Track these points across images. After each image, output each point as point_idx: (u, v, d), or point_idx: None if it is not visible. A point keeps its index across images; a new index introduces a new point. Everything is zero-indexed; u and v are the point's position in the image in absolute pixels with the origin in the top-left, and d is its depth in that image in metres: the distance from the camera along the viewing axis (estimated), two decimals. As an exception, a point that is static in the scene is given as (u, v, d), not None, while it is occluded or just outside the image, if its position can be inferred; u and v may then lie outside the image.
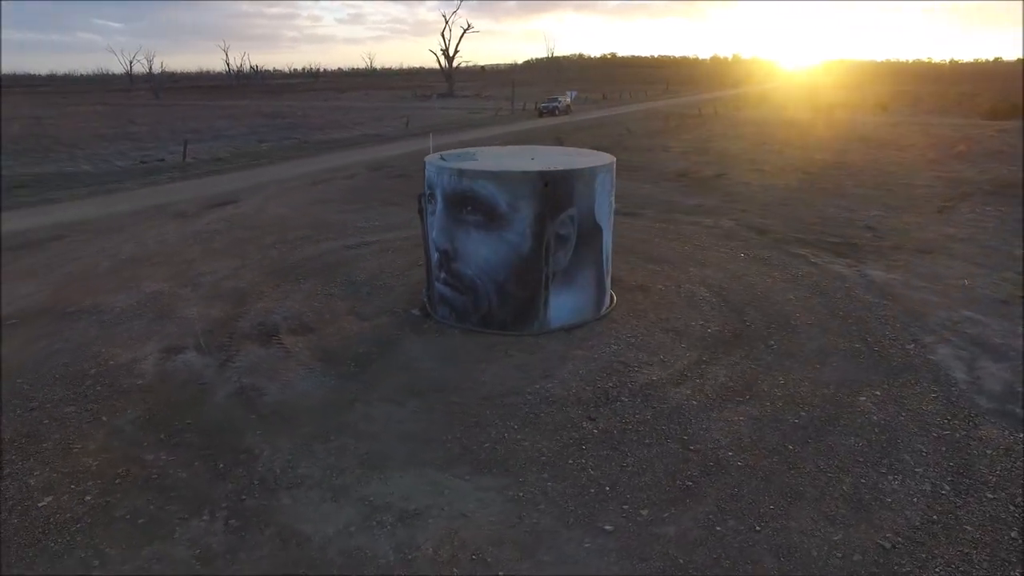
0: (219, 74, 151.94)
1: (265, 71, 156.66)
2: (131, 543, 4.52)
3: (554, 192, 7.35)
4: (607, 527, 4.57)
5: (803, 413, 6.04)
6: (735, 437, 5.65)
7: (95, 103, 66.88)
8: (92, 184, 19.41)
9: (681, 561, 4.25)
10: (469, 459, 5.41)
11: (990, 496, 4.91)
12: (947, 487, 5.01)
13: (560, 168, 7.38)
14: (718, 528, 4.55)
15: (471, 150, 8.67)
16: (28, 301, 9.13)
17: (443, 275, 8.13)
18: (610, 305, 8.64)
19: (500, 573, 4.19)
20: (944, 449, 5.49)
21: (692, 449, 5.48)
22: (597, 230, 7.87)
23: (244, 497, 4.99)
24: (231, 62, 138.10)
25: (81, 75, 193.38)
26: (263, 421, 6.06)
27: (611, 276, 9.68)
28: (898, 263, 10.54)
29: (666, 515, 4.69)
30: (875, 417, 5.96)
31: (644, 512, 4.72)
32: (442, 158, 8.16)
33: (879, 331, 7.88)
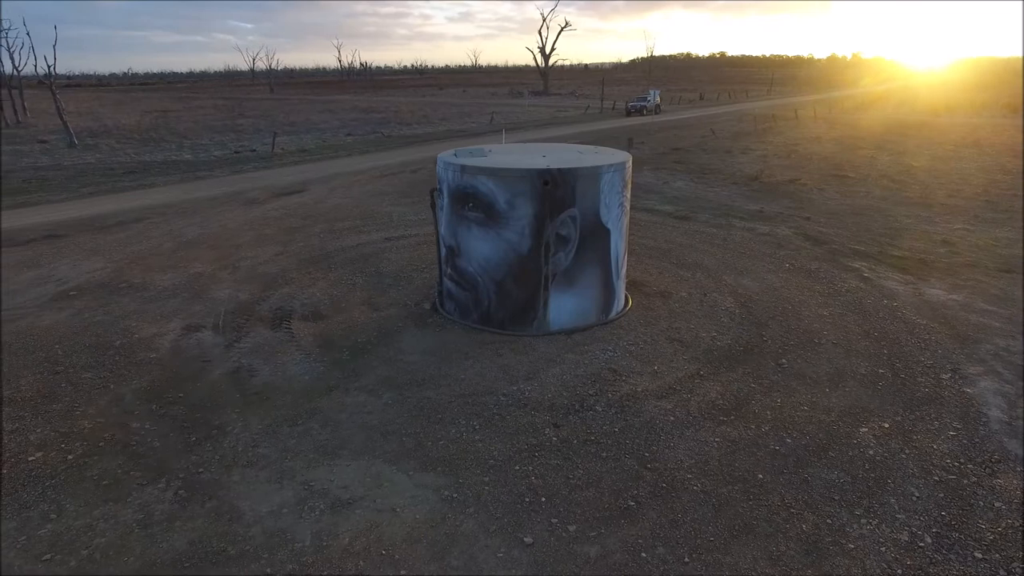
0: (332, 70, 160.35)
1: (374, 67, 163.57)
2: (89, 501, 4.88)
3: (554, 191, 7.17)
4: (527, 539, 4.41)
5: (788, 440, 5.55)
6: (701, 459, 5.28)
7: (217, 98, 72.60)
8: (187, 171, 21.10)
9: (587, 582, 4.04)
10: (420, 455, 5.40)
11: (978, 556, 4.30)
12: (929, 539, 4.43)
13: (561, 167, 7.18)
14: (644, 555, 4.27)
15: (485, 147, 8.62)
16: (91, 276, 10.06)
17: (449, 271, 8.16)
18: (624, 309, 8.34)
19: (402, 573, 4.16)
20: (942, 496, 4.86)
21: (649, 467, 5.17)
22: (603, 232, 7.59)
23: (201, 471, 5.25)
24: (342, 59, 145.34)
25: (214, 72, 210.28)
26: (245, 400, 6.34)
27: (634, 280, 9.39)
28: (966, 282, 9.43)
29: (594, 534, 4.46)
30: (871, 452, 5.38)
31: (571, 528, 4.52)
32: (455, 154, 8.18)
33: (913, 356, 7.10)
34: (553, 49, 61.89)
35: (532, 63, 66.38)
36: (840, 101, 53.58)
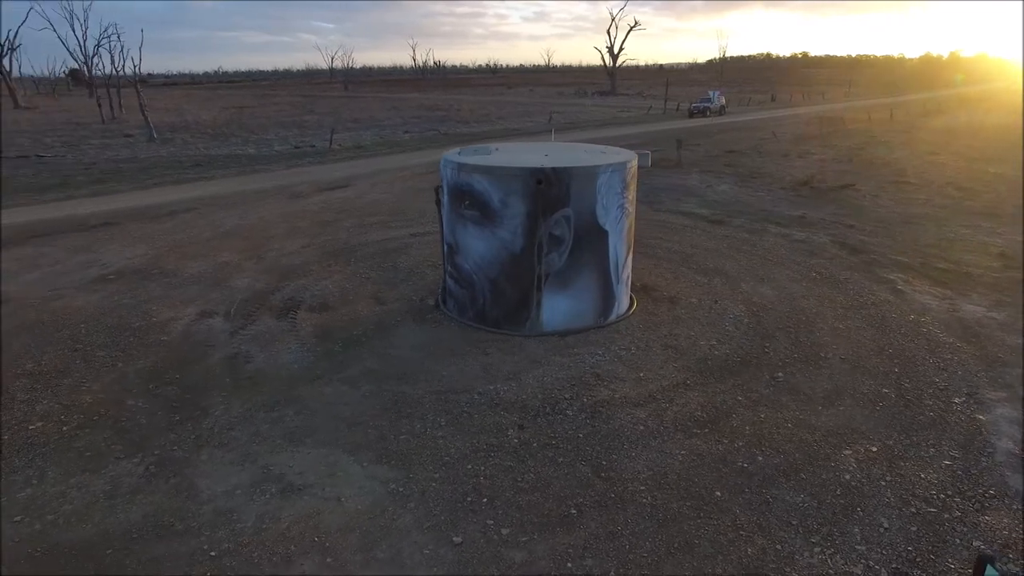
0: (407, 69, 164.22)
1: (447, 66, 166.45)
2: (69, 470, 5.22)
3: (547, 191, 7.08)
4: (457, 539, 4.39)
5: (760, 458, 5.27)
6: (660, 472, 5.10)
7: (294, 95, 75.78)
8: (246, 165, 22.16)
9: (501, 587, 3.98)
10: (379, 447, 5.47)
11: (938, 594, 3.95)
12: (885, 574, 4.11)
13: (555, 166, 7.08)
14: (570, 564, 4.17)
15: (492, 144, 8.61)
16: (131, 261, 10.74)
17: (449, 268, 8.22)
18: (626, 313, 8.15)
19: (327, 560, 4.23)
20: (914, 529, 4.50)
21: (602, 476, 5.04)
22: (599, 233, 7.44)
23: (175, 448, 5.51)
24: (417, 58, 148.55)
25: (296, 71, 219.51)
26: (235, 384, 6.61)
27: (644, 284, 9.17)
28: (1012, 300, 8.66)
29: (525, 539, 4.39)
30: (847, 476, 5.03)
31: (504, 531, 4.46)
32: (460, 152, 8.22)
33: (926, 376, 6.59)
34: (621, 49, 61.01)
35: (627, 63, 65.32)
36: (925, 103, 50.18)
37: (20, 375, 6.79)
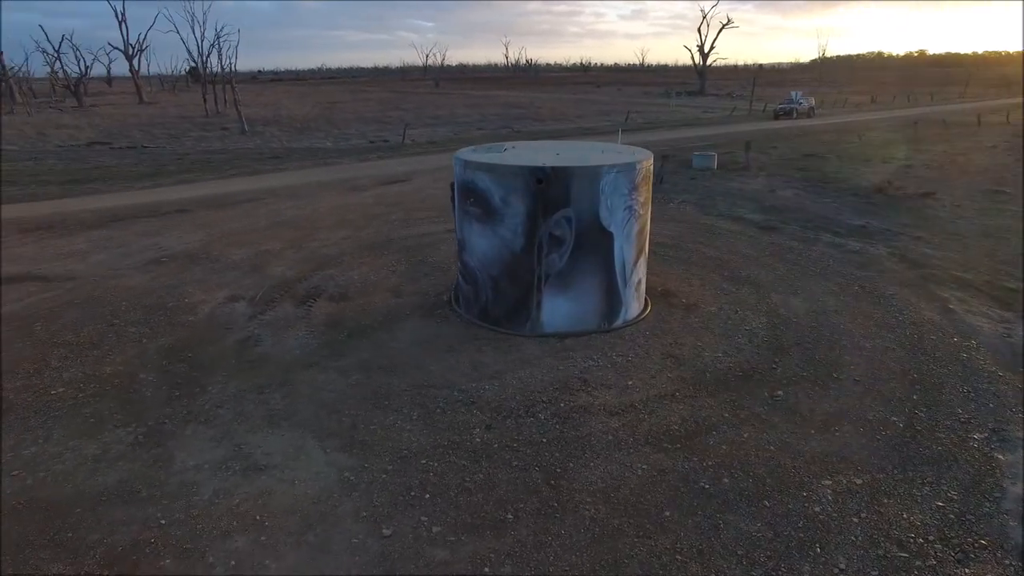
0: (500, 67, 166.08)
1: (538, 65, 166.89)
2: (70, 433, 5.70)
3: (547, 190, 6.97)
4: (386, 531, 4.44)
5: (726, 480, 4.96)
6: (614, 485, 4.91)
7: (385, 91, 78.50)
8: (320, 158, 23.23)
9: (409, 583, 3.99)
10: (347, 435, 5.61)
11: (881, 645, 3.58)
12: (827, 614, 3.78)
13: (555, 165, 6.96)
14: (487, 569, 4.11)
15: (507, 143, 8.57)
16: (187, 246, 11.55)
17: (459, 264, 8.28)
18: (636, 318, 7.90)
19: (261, 539, 4.38)
20: (875, 574, 4.09)
21: (552, 484, 4.92)
22: (603, 235, 7.24)
23: (165, 422, 5.90)
24: (509, 56, 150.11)
25: (393, 68, 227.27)
26: (238, 366, 6.98)
27: (666, 289, 8.87)
28: (1084, 329, 7.66)
29: (452, 539, 4.37)
30: (816, 508, 4.65)
31: (436, 529, 4.46)
32: (473, 150, 8.25)
33: (948, 406, 5.96)
34: (712, 48, 58.72)
35: (718, 62, 62.88)
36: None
37: (59, 344, 7.48)
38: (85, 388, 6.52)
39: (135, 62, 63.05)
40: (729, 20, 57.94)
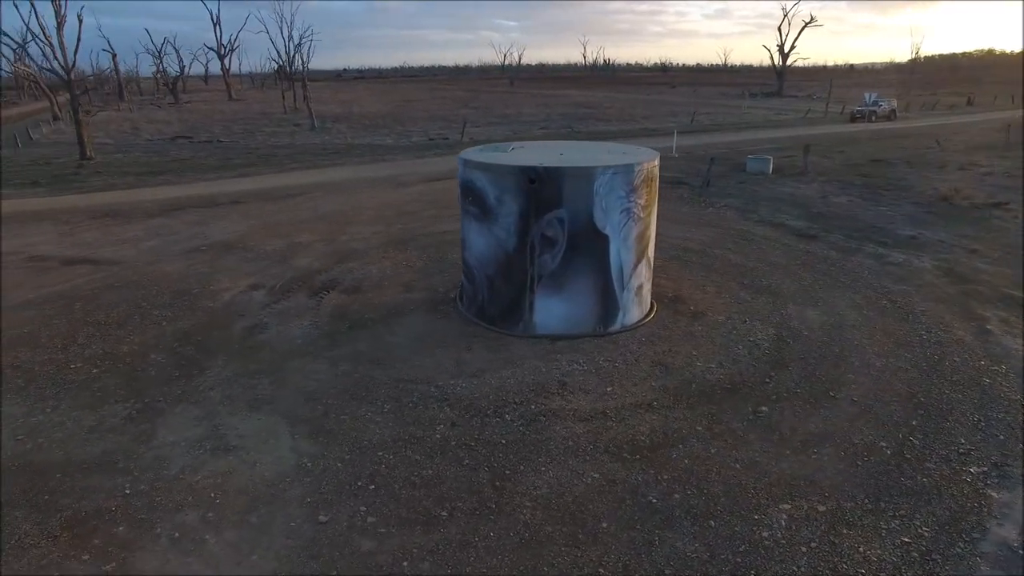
0: (578, 66, 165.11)
1: (617, 64, 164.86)
2: (76, 405, 6.18)
3: (540, 190, 6.92)
4: (323, 518, 4.56)
5: (677, 496, 4.79)
6: (559, 492, 4.84)
7: (460, 90, 79.66)
8: (377, 154, 23.91)
9: (317, 570, 4.09)
10: (317, 423, 5.80)
11: None
12: (742, 643, 3.59)
13: (548, 165, 6.89)
14: (405, 564, 4.15)
15: (515, 143, 8.55)
16: (227, 236, 12.21)
17: (462, 262, 8.35)
18: (638, 323, 7.72)
19: (209, 515, 4.61)
20: (812, 602, 3.85)
21: (496, 485, 4.90)
22: (597, 237, 7.11)
23: (160, 400, 6.29)
24: (587, 55, 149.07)
25: (474, 67, 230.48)
26: (241, 351, 7.33)
27: (677, 295, 8.64)
28: None
29: (383, 531, 4.44)
30: (765, 534, 4.41)
31: (370, 520, 4.55)
32: (481, 149, 8.29)
33: (950, 436, 5.50)
34: (793, 47, 55.87)
35: (798, 62, 59.82)
36: None
37: (90, 323, 8.10)
38: (100, 364, 7.04)
39: (226, 61, 67.00)
40: (812, 18, 55.08)
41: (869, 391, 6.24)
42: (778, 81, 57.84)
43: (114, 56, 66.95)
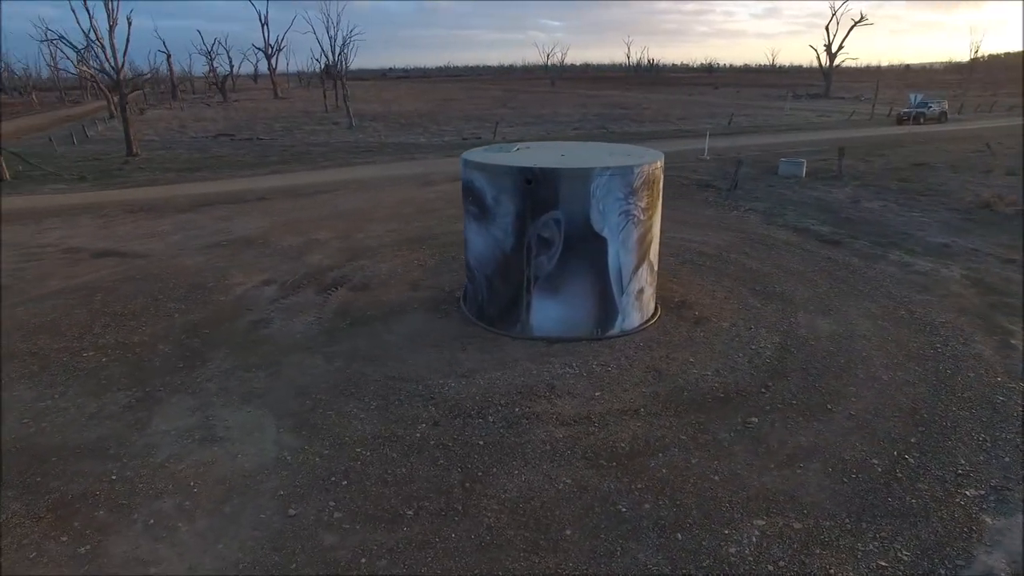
0: (621, 66, 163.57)
1: (661, 65, 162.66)
2: (82, 392, 6.44)
3: (536, 191, 6.87)
4: (292, 511, 4.63)
5: (647, 506, 4.69)
6: (528, 497, 4.80)
7: (501, 90, 79.90)
8: (406, 153, 24.16)
9: (278, 561, 4.14)
10: (303, 417, 5.89)
11: None
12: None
13: (544, 166, 6.83)
14: (363, 560, 4.18)
15: (521, 143, 8.50)
16: (247, 232, 12.52)
17: (464, 262, 8.36)
18: (638, 327, 7.60)
19: (185, 504, 4.73)
20: (772, 621, 3.72)
21: (466, 487, 4.89)
22: (595, 239, 7.02)
23: (160, 390, 6.49)
24: (631, 55, 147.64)
25: (519, 66, 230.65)
26: (244, 344, 7.51)
27: (684, 300, 8.48)
28: None
29: (348, 527, 4.48)
30: (732, 550, 4.28)
31: (337, 515, 4.60)
32: (485, 150, 8.29)
33: (950, 455, 5.23)
34: (841, 47, 53.82)
35: (846, 62, 57.62)
36: None
37: (107, 314, 8.43)
38: (111, 353, 7.31)
39: (273, 61, 68.76)
40: (863, 17, 53.07)
41: (869, 405, 5.99)
42: (825, 82, 56.05)
43: (168, 56, 69.63)
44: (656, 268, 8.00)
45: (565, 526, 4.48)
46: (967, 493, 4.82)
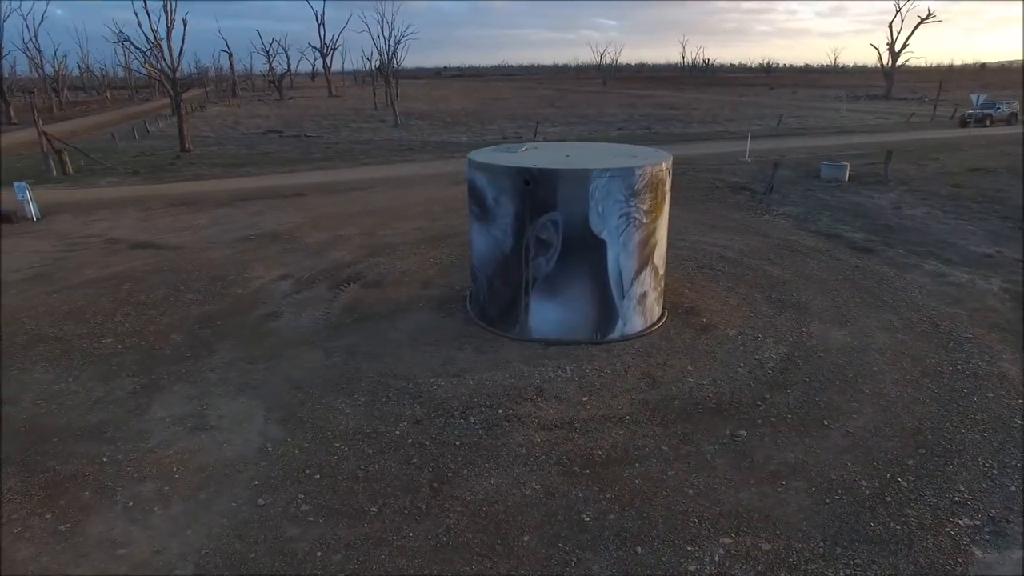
0: (676, 66, 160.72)
1: (717, 65, 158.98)
2: (94, 377, 6.76)
3: (535, 192, 6.82)
4: (262, 501, 4.74)
5: (612, 517, 4.59)
6: (493, 499, 4.77)
7: (551, 89, 79.70)
8: (444, 151, 24.37)
9: (239, 550, 4.24)
10: (292, 410, 6.02)
11: None
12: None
13: (543, 167, 6.77)
14: (319, 553, 4.24)
15: (527, 143, 8.44)
16: (276, 227, 12.88)
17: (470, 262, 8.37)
18: (640, 332, 7.45)
19: (164, 488, 4.90)
20: (720, 644, 3.58)
21: (434, 487, 4.90)
22: (593, 242, 6.91)
23: (164, 378, 6.75)
24: (686, 55, 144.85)
25: (572, 66, 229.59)
26: (251, 336, 7.73)
27: (693, 306, 8.28)
28: None
29: (312, 519, 4.56)
30: (691, 568, 4.15)
31: (304, 507, 4.68)
32: (493, 150, 8.28)
33: (950, 480, 4.93)
34: (905, 46, 51.01)
35: (910, 62, 54.66)
36: None
37: (131, 303, 8.82)
38: (127, 341, 7.65)
39: (328, 59, 70.57)
40: (930, 14, 50.26)
41: (869, 422, 5.70)
42: (887, 82, 53.52)
43: (230, 55, 72.37)
44: (662, 272, 7.82)
45: (524, 532, 4.43)
46: (960, 522, 4.52)
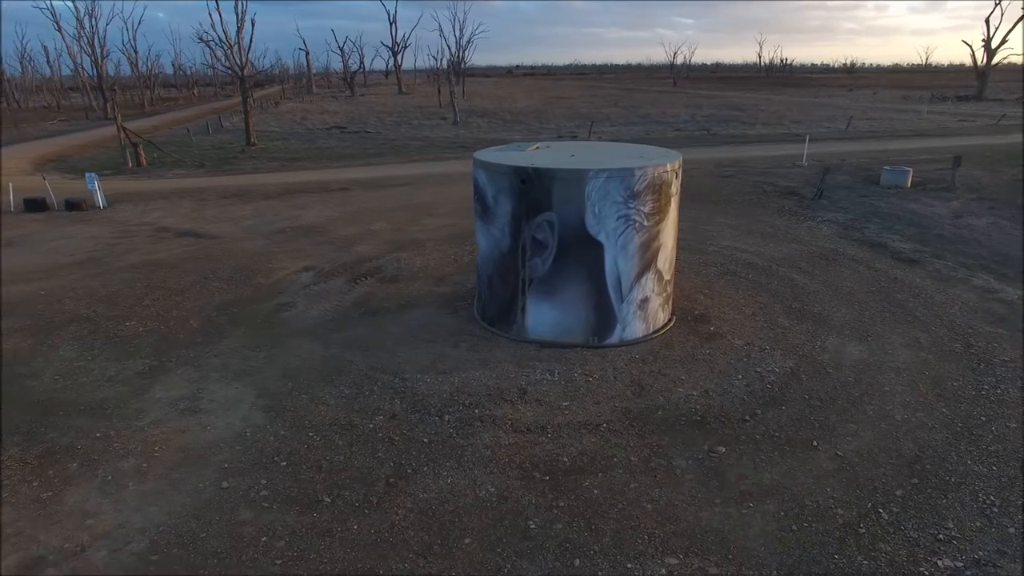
0: (753, 65, 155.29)
1: (795, 64, 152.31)
2: (110, 358, 7.19)
3: (530, 192, 6.74)
4: (225, 484, 4.91)
5: (560, 525, 4.47)
6: (444, 500, 4.75)
7: (618, 88, 78.64)
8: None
9: (193, 528, 4.40)
10: (279, 398, 6.20)
11: None
12: None
13: (538, 166, 6.67)
14: (264, 539, 4.34)
15: (537, 143, 8.34)
16: (314, 221, 13.30)
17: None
18: (640, 337, 7.25)
19: (143, 465, 5.15)
20: (638, 667, 3.44)
21: (391, 482, 4.93)
22: (590, 243, 6.75)
23: (171, 361, 7.10)
24: (763, 55, 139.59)
25: (647, 65, 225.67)
26: (261, 325, 8.02)
27: (704, 313, 8.01)
28: None
29: (266, 506, 4.67)
30: (636, 578, 3.98)
31: (263, 493, 4.81)
32: (500, 149, 8.24)
33: (940, 515, 4.54)
34: (1004, 42, 46.91)
35: (1008, 59, 50.46)
36: None
37: (162, 288, 9.32)
38: (149, 324, 8.10)
39: (399, 57, 72.26)
40: (1037, 6, 46.20)
41: (863, 446, 5.32)
42: (979, 82, 49.65)
43: (307, 54, 75.28)
44: (668, 277, 7.57)
45: (467, 535, 4.39)
46: (938, 562, 4.15)
